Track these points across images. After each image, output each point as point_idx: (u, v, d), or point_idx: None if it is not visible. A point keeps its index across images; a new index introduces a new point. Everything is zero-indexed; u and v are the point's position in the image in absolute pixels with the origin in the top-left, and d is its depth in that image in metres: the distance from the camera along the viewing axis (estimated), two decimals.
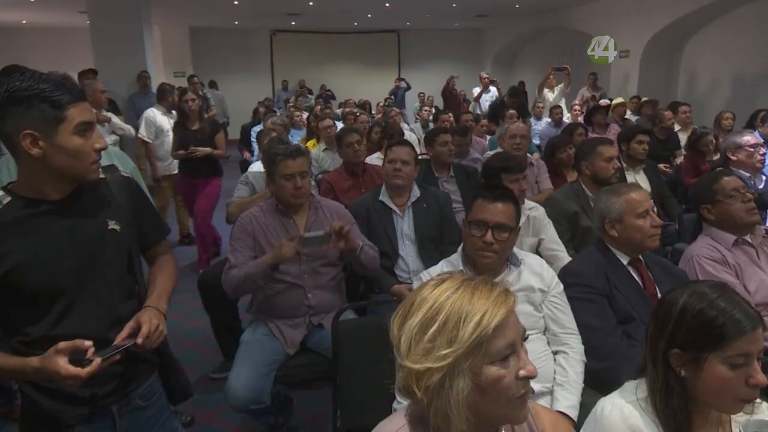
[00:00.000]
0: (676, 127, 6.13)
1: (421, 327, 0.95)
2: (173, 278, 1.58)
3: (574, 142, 4.28)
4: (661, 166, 4.56)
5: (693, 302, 1.19)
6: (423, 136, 5.69)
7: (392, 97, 12.75)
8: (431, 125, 7.46)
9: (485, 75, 9.70)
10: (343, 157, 3.82)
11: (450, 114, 6.61)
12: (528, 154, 4.04)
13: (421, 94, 13.40)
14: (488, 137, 6.45)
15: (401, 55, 16.18)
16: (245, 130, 8.04)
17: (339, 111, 11.31)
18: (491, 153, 4.38)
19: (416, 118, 9.52)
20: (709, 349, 1.15)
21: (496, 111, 7.00)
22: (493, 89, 9.66)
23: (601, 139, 3.28)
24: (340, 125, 6.45)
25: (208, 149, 4.72)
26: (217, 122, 5.37)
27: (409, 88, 13.30)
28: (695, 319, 1.17)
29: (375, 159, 4.46)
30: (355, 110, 8.24)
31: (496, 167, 2.84)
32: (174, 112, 5.45)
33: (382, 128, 5.33)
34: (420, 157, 3.36)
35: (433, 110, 12.01)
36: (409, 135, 6.18)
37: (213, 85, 12.21)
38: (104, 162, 1.49)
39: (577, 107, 8.16)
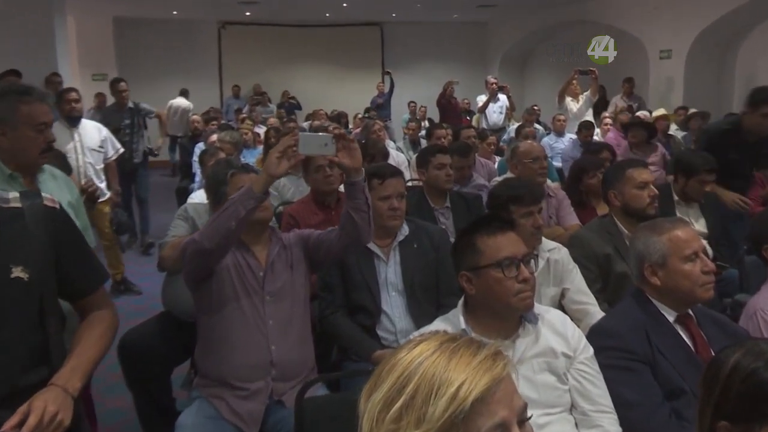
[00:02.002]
0: None
1: (385, 402, 0.93)
2: (102, 343, 1.56)
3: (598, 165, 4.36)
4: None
5: (746, 362, 1.19)
6: (414, 156, 5.76)
7: (375, 107, 12.95)
8: (423, 142, 7.57)
9: (492, 80, 9.91)
10: (311, 184, 3.85)
11: (447, 129, 6.73)
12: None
13: (412, 105, 13.64)
14: (497, 159, 6.55)
15: (385, 55, 16.53)
16: (184, 149, 8.07)
17: (306, 124, 11.44)
18: (499, 179, 4.45)
19: (405, 134, 9.65)
20: (764, 420, 1.15)
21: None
22: (502, 98, 9.86)
23: (631, 161, 3.36)
24: None
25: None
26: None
27: (392, 86, 13.47)
28: (747, 382, 1.17)
29: None
30: (327, 124, 8.33)
31: (504, 197, 2.89)
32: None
33: (362, 147, 5.38)
34: (409, 184, 3.40)
35: (426, 123, 12.25)
36: (395, 156, 6.25)
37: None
38: (47, 186, 1.49)
39: (608, 121, 8.36)
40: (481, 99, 9.95)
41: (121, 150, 5.75)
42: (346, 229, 2.47)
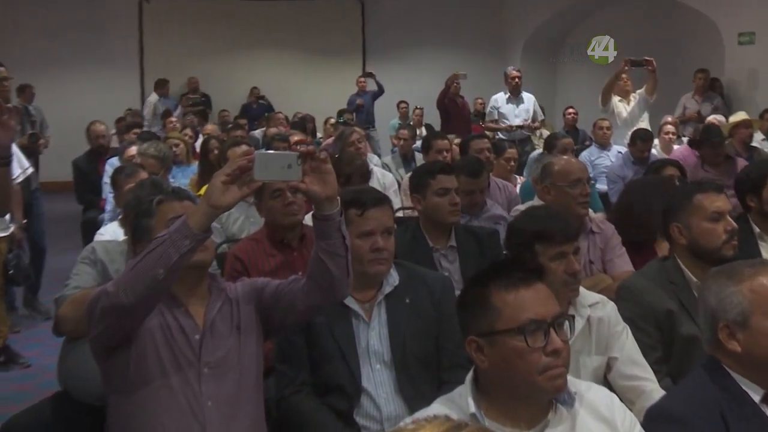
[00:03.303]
0: None
1: None
2: None
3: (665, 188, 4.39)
4: None
5: None
6: (406, 176, 5.77)
7: (353, 109, 13.05)
8: (419, 158, 7.60)
9: (514, 71, 9.97)
10: (266, 215, 3.85)
11: (453, 139, 6.75)
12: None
13: (403, 106, 13.77)
14: (520, 179, 6.59)
15: (368, 40, 16.70)
16: (79, 171, 7.95)
17: (258, 133, 11.49)
18: (523, 207, 4.47)
19: (394, 146, 9.69)
20: None
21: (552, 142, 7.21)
22: (527, 97, 9.94)
23: (701, 184, 3.39)
24: None
25: None
26: None
27: (380, 91, 13.62)
28: None
29: None
30: (287, 132, 8.36)
31: (529, 233, 2.91)
32: None
33: (334, 164, 5.42)
34: (400, 214, 3.40)
35: (423, 131, 12.33)
36: (380, 176, 6.29)
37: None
38: None
39: (669, 128, 8.46)
40: (499, 99, 9.93)
41: (30, 170, 5.74)
42: (315, 280, 2.48)
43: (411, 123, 12.40)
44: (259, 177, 2.21)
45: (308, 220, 4.41)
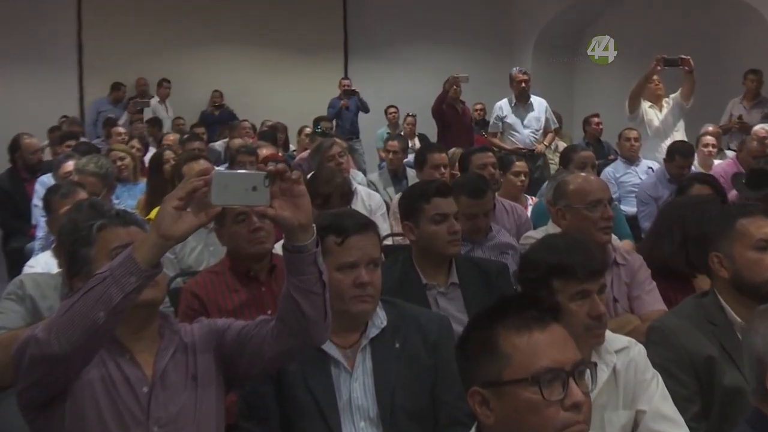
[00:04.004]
0: None
1: None
2: None
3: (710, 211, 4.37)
4: None
5: None
6: (396, 197, 5.77)
7: (334, 116, 13.05)
8: (411, 174, 7.61)
9: (521, 74, 9.94)
10: (228, 243, 3.86)
11: (454, 151, 6.74)
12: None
13: (393, 112, 13.78)
14: (530, 201, 6.60)
15: (350, 33, 16.70)
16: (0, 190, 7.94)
17: (219, 144, 11.47)
18: (535, 233, 4.47)
19: (381, 160, 9.70)
20: None
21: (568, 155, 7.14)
22: (537, 102, 9.92)
23: (745, 207, 3.39)
24: None
25: None
26: None
27: (363, 108, 13.65)
28: None
29: None
30: (254, 144, 8.36)
31: (544, 266, 2.91)
32: None
33: (311, 182, 5.41)
34: (388, 242, 3.39)
35: (416, 143, 12.31)
36: (365, 196, 6.30)
37: None
38: None
39: (709, 140, 8.49)
40: (504, 107, 9.82)
41: None
42: (286, 322, 2.48)
43: (402, 133, 12.42)
44: (218, 201, 2.22)
45: (279, 248, 4.43)
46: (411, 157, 8.40)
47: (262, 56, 16.13)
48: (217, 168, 2.26)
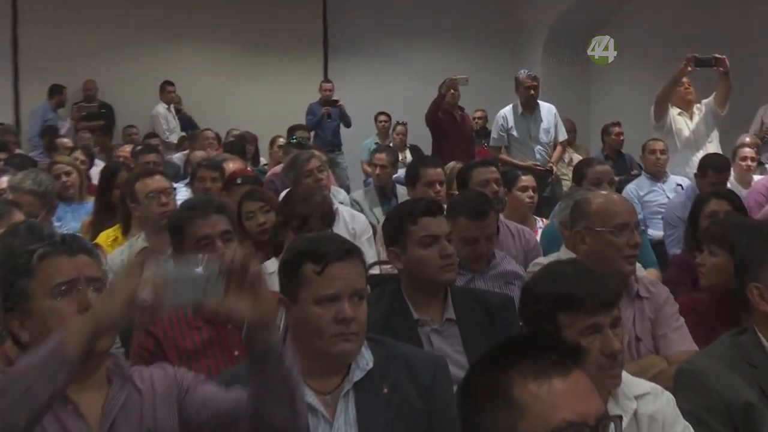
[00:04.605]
0: None
1: None
2: None
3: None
4: None
5: None
6: (382, 219, 5.77)
7: (313, 125, 13.06)
8: (401, 193, 7.62)
9: (529, 78, 9.88)
10: None
11: (453, 165, 6.73)
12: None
13: (381, 120, 13.77)
14: (540, 223, 6.62)
15: (330, 28, 16.65)
16: None
17: (178, 157, 11.44)
18: (545, 261, 4.48)
19: (367, 175, 9.69)
20: None
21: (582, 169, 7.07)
22: (546, 110, 9.88)
23: None
24: (181, 193, 6.45)
25: None
26: None
27: (344, 121, 13.65)
28: None
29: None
30: (219, 157, 8.35)
31: (549, 297, 2.90)
32: None
33: (286, 202, 5.42)
34: (375, 270, 3.37)
35: (408, 156, 12.31)
36: (347, 217, 6.33)
37: None
38: None
39: (747, 152, 8.51)
40: (508, 115, 9.84)
41: None
42: (255, 422, 2.50)
43: (391, 144, 12.42)
44: (166, 304, 2.25)
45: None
46: (402, 173, 8.41)
47: (228, 55, 16.04)
48: (159, 263, 2.19)
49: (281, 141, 11.40)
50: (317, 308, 2.84)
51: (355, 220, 6.47)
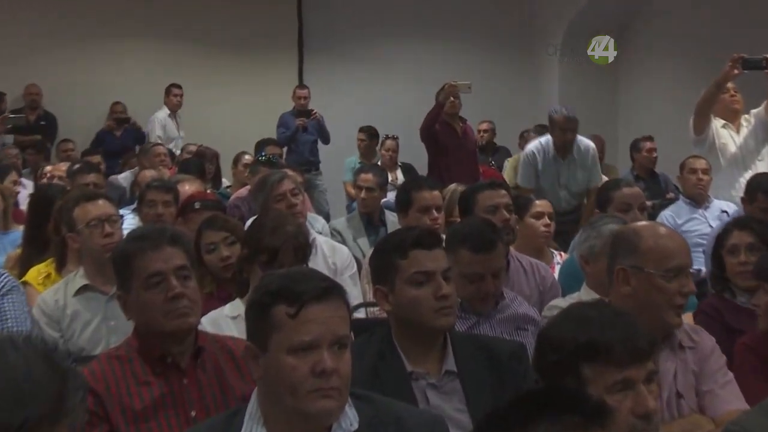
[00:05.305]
0: None
1: None
2: None
3: None
4: None
5: None
6: (368, 252, 5.78)
7: (286, 139, 13.08)
8: (391, 221, 7.64)
9: (566, 119, 9.69)
10: (138, 317, 3.84)
11: (452, 188, 6.75)
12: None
13: (362, 139, 13.70)
14: (558, 257, 6.63)
15: (306, 24, 16.66)
16: None
17: (124, 177, 11.44)
18: (564, 302, 4.49)
19: (351, 200, 9.68)
20: None
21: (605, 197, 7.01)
22: (584, 146, 9.71)
23: None
24: (128, 221, 6.45)
25: None
26: None
27: (323, 136, 13.66)
28: None
29: (227, 321, 4.60)
30: (173, 178, 8.36)
31: (571, 345, 2.92)
32: None
33: (252, 233, 5.42)
34: (361, 314, 3.35)
35: (399, 176, 12.32)
36: (326, 250, 6.36)
37: None
38: None
39: None
40: (540, 158, 9.62)
41: None
42: None
43: (379, 162, 12.42)
44: None
45: (208, 325, 4.41)
46: (392, 196, 8.41)
47: (183, 56, 16.10)
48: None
49: (247, 158, 11.43)
50: (291, 359, 2.83)
51: (335, 253, 6.47)
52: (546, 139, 9.76)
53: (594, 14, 15.60)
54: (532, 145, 9.88)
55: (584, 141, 9.81)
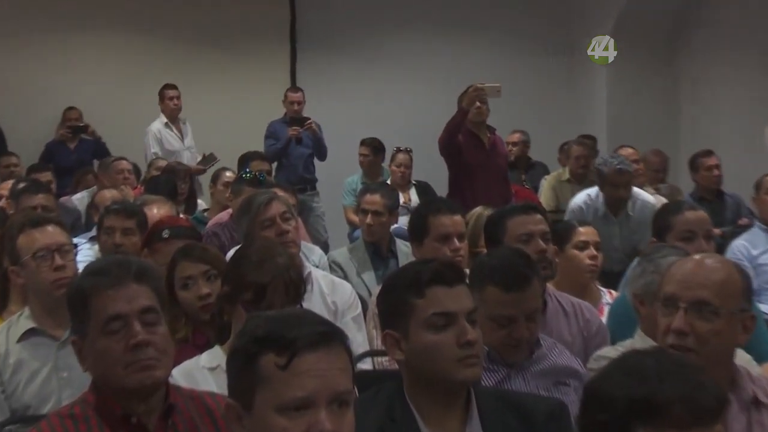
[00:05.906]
0: None
1: None
2: None
3: None
4: None
5: None
6: (376, 290, 5.80)
7: (276, 152, 13.14)
8: (403, 252, 7.67)
9: (617, 172, 9.81)
10: (95, 369, 3.83)
11: (478, 213, 6.81)
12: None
13: (364, 153, 13.72)
14: (607, 296, 6.64)
15: (300, 17, 16.75)
16: None
17: (79, 198, 11.49)
18: (612, 352, 4.49)
19: (354, 227, 9.74)
20: None
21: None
22: (641, 205, 9.77)
23: None
24: (84, 252, 6.49)
25: None
26: None
27: (318, 150, 13.70)
28: None
29: (203, 373, 4.61)
30: (138, 199, 8.40)
31: (622, 403, 2.91)
32: None
33: (234, 265, 5.43)
34: (366, 365, 3.37)
35: (413, 197, 12.38)
36: (326, 289, 6.34)
37: None
38: None
39: None
40: (589, 209, 9.83)
41: None
42: None
43: (388, 181, 12.46)
44: None
45: (179, 377, 4.42)
46: (404, 222, 8.43)
47: (150, 52, 16.20)
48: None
49: (228, 176, 11.37)
50: (282, 419, 2.84)
51: (336, 290, 6.46)
52: (595, 191, 9.88)
53: (648, 6, 15.57)
54: (580, 199, 10.02)
55: (642, 195, 9.92)
